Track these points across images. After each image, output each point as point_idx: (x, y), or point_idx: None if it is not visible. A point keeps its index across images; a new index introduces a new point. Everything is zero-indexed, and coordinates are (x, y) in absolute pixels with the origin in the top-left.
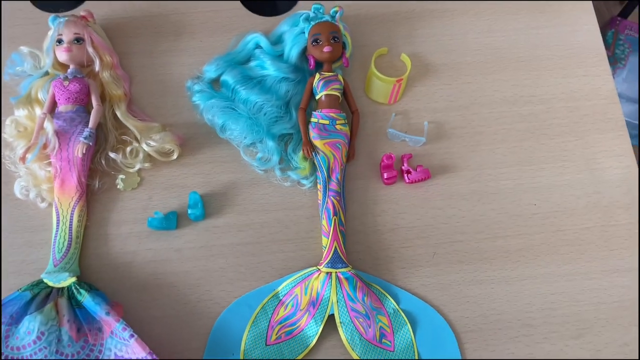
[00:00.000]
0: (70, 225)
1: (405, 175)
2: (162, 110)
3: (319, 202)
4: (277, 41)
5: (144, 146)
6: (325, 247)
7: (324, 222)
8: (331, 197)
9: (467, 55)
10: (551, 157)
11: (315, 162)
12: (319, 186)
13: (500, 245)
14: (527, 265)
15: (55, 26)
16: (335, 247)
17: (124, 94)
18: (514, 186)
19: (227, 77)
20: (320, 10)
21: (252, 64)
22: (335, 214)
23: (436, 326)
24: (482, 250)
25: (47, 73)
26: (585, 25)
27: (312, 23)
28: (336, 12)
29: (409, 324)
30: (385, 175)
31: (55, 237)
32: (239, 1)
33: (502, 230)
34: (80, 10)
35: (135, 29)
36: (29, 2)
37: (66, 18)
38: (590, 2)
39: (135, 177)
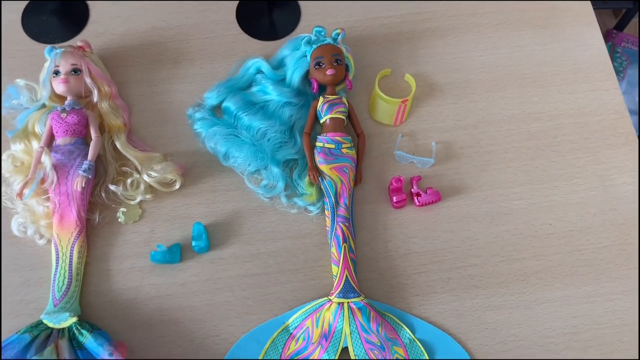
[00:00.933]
0: (70, 262)
1: (415, 198)
2: (162, 140)
3: (327, 228)
4: (279, 65)
5: (145, 177)
6: (336, 276)
7: (334, 250)
8: (340, 224)
9: (471, 74)
10: (563, 175)
11: (322, 187)
12: (326, 212)
13: (517, 268)
14: (545, 288)
15: (52, 57)
16: (346, 275)
17: (123, 124)
18: (527, 206)
19: (229, 104)
20: (322, 33)
21: (254, 89)
22: (344, 240)
23: (455, 355)
24: (498, 273)
25: (44, 105)
26: (590, 40)
27: (314, 46)
28: (338, 34)
29: (426, 355)
30: (394, 199)
31: (55, 275)
32: (239, 26)
33: (517, 252)
34: (77, 41)
35: (133, 58)
36: (24, 33)
37: (63, 49)
38: (594, 16)
39: (136, 210)
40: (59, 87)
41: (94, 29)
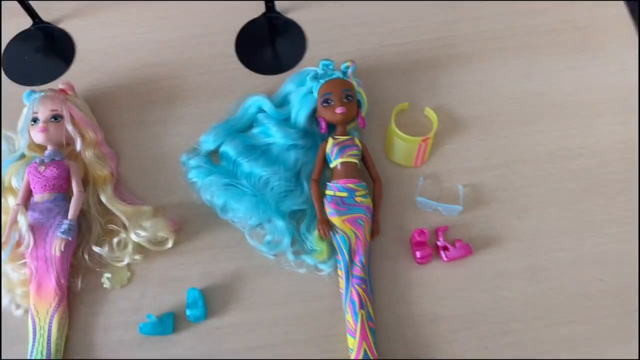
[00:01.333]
0: (49, 337)
1: (442, 252)
2: (154, 190)
3: (342, 290)
4: (282, 103)
5: (133, 236)
6: (353, 350)
7: (349, 318)
8: (355, 286)
9: (501, 105)
10: (613, 220)
11: (334, 242)
12: (339, 272)
13: (565, 334)
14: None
15: (30, 103)
16: (365, 349)
17: (110, 174)
18: (573, 258)
19: (227, 148)
20: (330, 67)
21: (255, 130)
22: (361, 306)
23: None
24: (543, 341)
25: (23, 156)
26: (635, 62)
27: (322, 81)
28: (348, 67)
29: None
30: (418, 254)
31: (32, 353)
32: (238, 59)
33: (564, 315)
34: (60, 82)
35: (122, 98)
36: (4, 74)
37: (42, 93)
38: (637, 35)
39: (124, 273)
40: (38, 137)
41: (80, 67)
